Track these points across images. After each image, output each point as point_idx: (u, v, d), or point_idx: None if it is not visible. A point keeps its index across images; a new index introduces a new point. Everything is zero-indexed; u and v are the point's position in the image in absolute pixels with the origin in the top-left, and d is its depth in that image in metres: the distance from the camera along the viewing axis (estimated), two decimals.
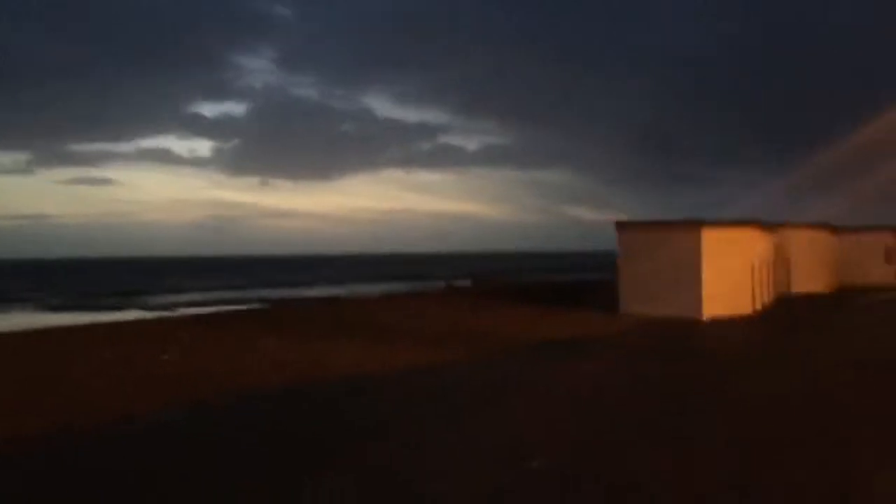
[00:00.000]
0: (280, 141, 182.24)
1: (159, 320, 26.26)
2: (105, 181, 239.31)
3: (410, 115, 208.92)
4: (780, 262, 29.02)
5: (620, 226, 24.22)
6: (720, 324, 21.20)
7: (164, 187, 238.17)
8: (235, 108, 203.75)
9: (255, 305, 36.17)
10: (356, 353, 15.40)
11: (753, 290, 24.48)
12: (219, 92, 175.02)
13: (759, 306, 24.77)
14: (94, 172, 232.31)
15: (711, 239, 22.75)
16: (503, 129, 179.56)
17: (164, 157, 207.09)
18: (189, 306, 38.42)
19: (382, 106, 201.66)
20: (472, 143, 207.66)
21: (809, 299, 29.01)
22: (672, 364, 14.28)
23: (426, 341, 17.21)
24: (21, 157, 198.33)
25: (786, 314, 24.29)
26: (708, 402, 10.51)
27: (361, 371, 13.21)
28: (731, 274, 23.23)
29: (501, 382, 12.34)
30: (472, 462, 7.57)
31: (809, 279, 31.31)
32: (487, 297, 32.77)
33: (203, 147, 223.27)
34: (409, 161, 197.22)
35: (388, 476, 7.13)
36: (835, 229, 34.62)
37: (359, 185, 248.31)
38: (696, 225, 22.77)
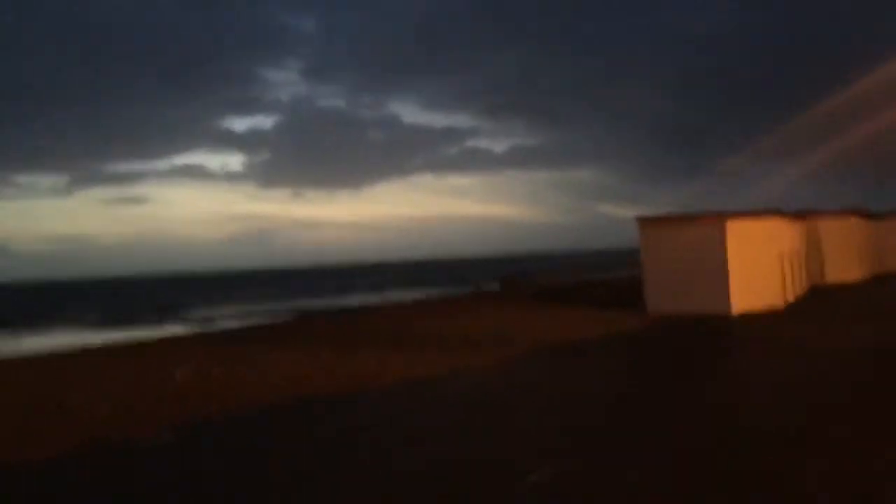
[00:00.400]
0: (310, 152, 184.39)
1: (183, 337, 26.55)
2: (141, 199, 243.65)
3: (438, 120, 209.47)
4: (812, 252, 28.49)
5: (642, 221, 23.91)
6: (750, 318, 20.81)
7: (198, 202, 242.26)
8: (265, 121, 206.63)
9: (286, 317, 36.47)
10: (376, 363, 15.42)
11: (784, 281, 24.03)
12: (248, 106, 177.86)
13: (790, 298, 24.32)
14: (131, 191, 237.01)
15: (737, 231, 22.37)
16: (530, 130, 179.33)
17: (197, 173, 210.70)
18: (225, 320, 39.11)
19: (410, 112, 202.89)
20: (500, 146, 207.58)
21: (844, 289, 28.39)
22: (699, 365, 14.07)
23: (450, 347, 17.19)
24: (60, 179, 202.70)
25: (819, 306, 23.75)
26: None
27: (375, 383, 13.24)
28: (760, 266, 22.82)
29: (518, 391, 12.27)
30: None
31: (843, 268, 30.64)
32: (515, 299, 32.66)
33: (234, 161, 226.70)
34: (439, 166, 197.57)
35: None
36: (869, 215, 33.86)
37: (389, 192, 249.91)
38: (720, 217, 22.41)
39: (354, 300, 54.75)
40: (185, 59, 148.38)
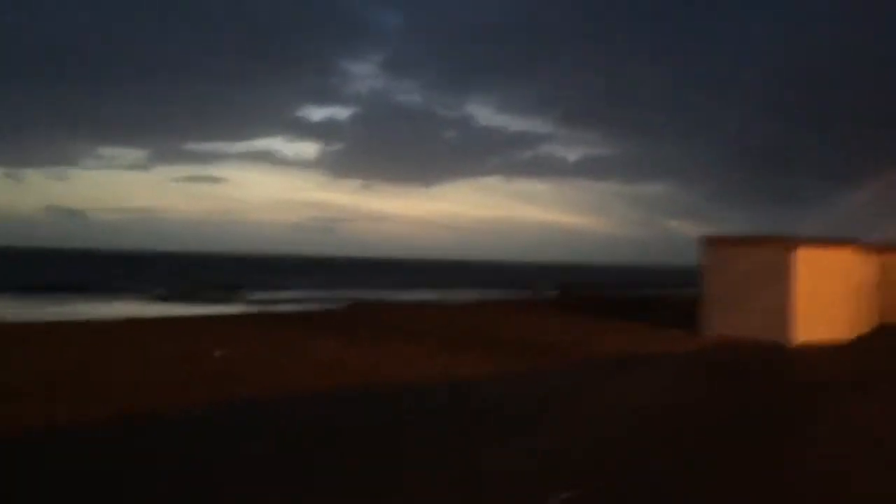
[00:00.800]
0: (383, 146, 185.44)
1: (238, 316, 26.98)
2: (216, 179, 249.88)
3: (513, 123, 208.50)
4: (887, 287, 27.10)
5: (707, 240, 23.16)
6: (812, 350, 19.89)
7: (270, 187, 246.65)
8: (341, 112, 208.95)
9: (341, 305, 36.80)
10: (411, 360, 15.29)
11: (851, 315, 22.93)
12: (326, 96, 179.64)
13: (856, 334, 23.18)
14: (207, 170, 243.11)
15: (806, 258, 21.43)
16: (605, 141, 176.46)
17: (272, 159, 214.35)
18: (285, 303, 39.99)
19: (484, 114, 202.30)
20: (573, 154, 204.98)
21: None
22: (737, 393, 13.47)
23: (497, 351, 16.95)
24: (141, 153, 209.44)
25: (885, 343, 22.59)
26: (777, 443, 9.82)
27: (403, 380, 13.09)
28: (826, 297, 21.81)
29: (540, 400, 11.96)
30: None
31: None
32: (571, 309, 32.15)
33: (309, 150, 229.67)
34: (510, 169, 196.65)
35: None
36: None
37: (459, 192, 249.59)
38: (789, 242, 21.51)
39: (414, 295, 55.08)
40: (267, 46, 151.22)
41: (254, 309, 33.21)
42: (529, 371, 14.45)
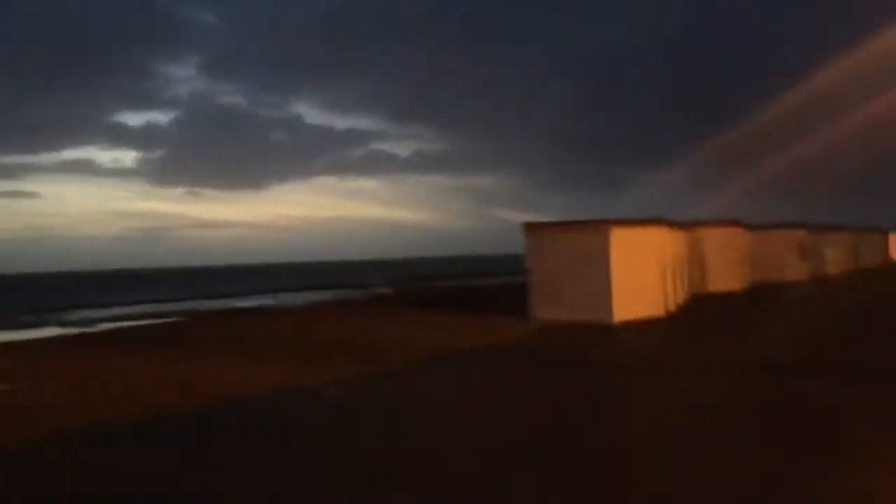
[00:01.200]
0: (208, 150, 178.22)
1: (45, 341, 24.45)
2: (27, 194, 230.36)
3: (341, 121, 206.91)
4: (695, 262, 28.82)
5: (528, 227, 23.50)
6: (631, 327, 20.62)
7: (88, 199, 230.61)
8: (161, 117, 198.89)
9: (171, 318, 34.49)
10: (226, 372, 14.21)
11: (666, 290, 24.08)
12: (143, 101, 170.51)
13: (672, 307, 24.38)
14: (15, 185, 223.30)
15: (620, 239, 22.19)
16: (435, 135, 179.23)
17: (88, 169, 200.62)
18: (110, 321, 37.18)
19: (312, 113, 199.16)
20: (404, 150, 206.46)
21: (724, 298, 28.88)
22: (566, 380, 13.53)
23: (315, 356, 16.15)
24: None
25: (699, 316, 23.95)
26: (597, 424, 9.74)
27: (215, 395, 12.07)
28: (642, 275, 22.72)
29: (369, 410, 11.38)
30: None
31: (724, 278, 31.21)
32: (404, 304, 31.88)
33: (128, 158, 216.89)
34: (341, 168, 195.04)
35: None
36: (748, 227, 34.72)
37: (290, 194, 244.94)
38: (603, 224, 22.19)
39: (249, 302, 53.03)
40: (75, 50, 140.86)
41: (72, 331, 30.45)
42: (338, 378, 13.78)
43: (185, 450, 8.89)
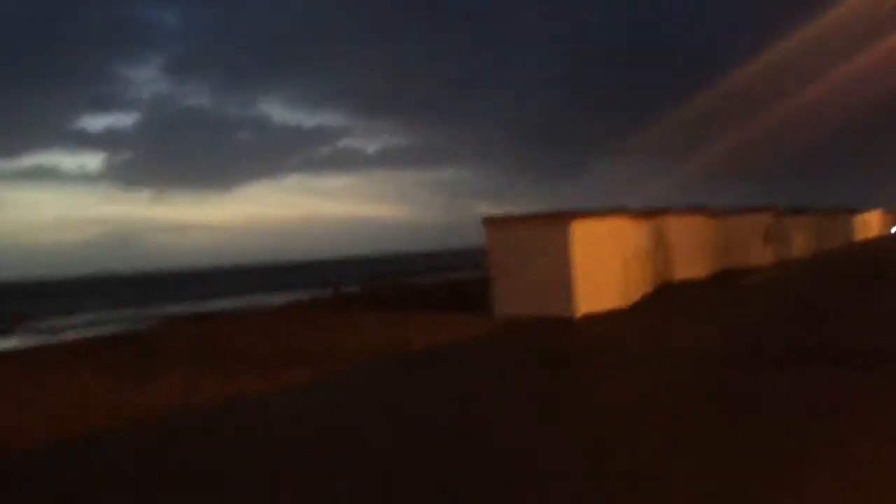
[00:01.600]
0: (175, 152, 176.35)
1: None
2: None
3: (308, 119, 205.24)
4: (659, 250, 28.58)
5: (489, 221, 23.06)
6: (594, 319, 20.29)
7: (53, 205, 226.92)
8: (125, 119, 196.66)
9: (132, 327, 33.70)
10: (165, 386, 13.60)
11: (629, 281, 23.80)
12: (106, 104, 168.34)
13: (636, 298, 24.11)
14: None
15: (581, 230, 21.84)
16: (403, 130, 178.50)
17: (52, 174, 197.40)
18: (72, 329, 36.62)
19: (279, 111, 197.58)
20: (372, 146, 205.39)
21: (690, 286, 28.73)
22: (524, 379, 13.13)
23: (269, 363, 15.58)
24: None
25: (662, 306, 23.71)
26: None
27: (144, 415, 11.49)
28: (605, 266, 22.41)
29: (313, 425, 10.87)
30: None
31: (691, 265, 31.05)
32: (369, 303, 31.35)
33: (92, 162, 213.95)
34: (310, 166, 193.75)
35: None
36: (714, 212, 34.63)
37: (260, 194, 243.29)
38: (564, 216, 21.81)
39: (218, 305, 52.37)
40: (35, 54, 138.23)
41: (26, 342, 29.81)
42: (286, 387, 13.25)
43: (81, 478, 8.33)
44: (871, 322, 16.55)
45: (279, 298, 48.28)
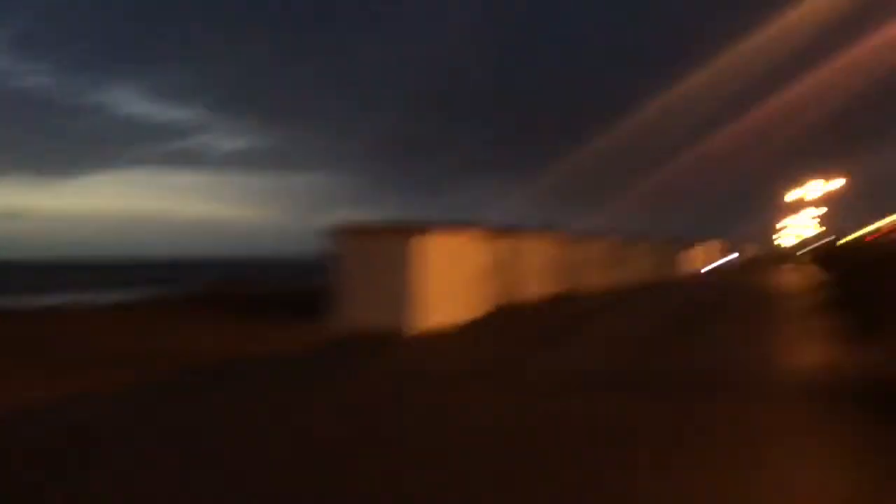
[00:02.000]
0: (9, 134, 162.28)
1: None
2: None
3: (160, 112, 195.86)
4: (506, 269, 28.57)
5: (336, 229, 22.10)
6: (431, 336, 19.74)
7: None
8: None
9: None
10: None
11: (471, 298, 23.53)
12: None
13: (479, 314, 23.85)
14: None
15: (425, 244, 21.32)
16: (261, 132, 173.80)
17: None
18: None
19: (129, 100, 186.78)
20: (227, 145, 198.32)
21: (532, 307, 28.89)
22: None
23: (71, 367, 13.91)
24: None
25: (503, 324, 23.54)
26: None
27: None
28: (447, 282, 22.01)
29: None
30: None
31: (537, 285, 31.30)
32: (203, 306, 29.51)
33: None
34: (158, 161, 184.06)
35: None
36: (565, 235, 35.28)
37: (101, 186, 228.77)
38: (409, 229, 21.22)
39: (41, 301, 48.26)
40: None
41: None
42: (80, 394, 11.75)
43: None
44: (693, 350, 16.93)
45: (110, 297, 44.89)
